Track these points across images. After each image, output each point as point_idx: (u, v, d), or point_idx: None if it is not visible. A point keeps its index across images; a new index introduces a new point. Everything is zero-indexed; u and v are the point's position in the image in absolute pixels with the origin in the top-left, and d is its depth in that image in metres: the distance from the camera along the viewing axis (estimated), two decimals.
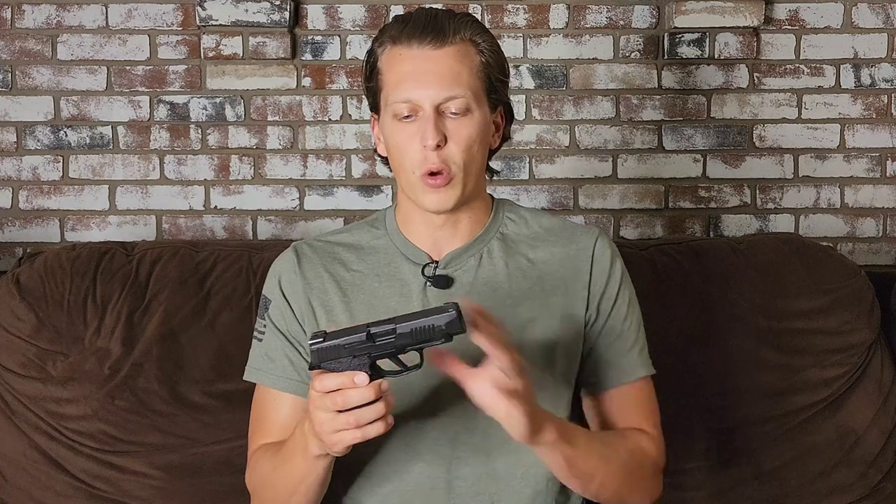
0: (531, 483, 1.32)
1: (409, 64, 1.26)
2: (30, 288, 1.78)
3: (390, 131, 1.29)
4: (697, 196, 2.24)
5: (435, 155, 1.25)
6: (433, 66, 1.25)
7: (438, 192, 1.27)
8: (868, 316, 1.85)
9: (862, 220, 2.26)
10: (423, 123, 1.25)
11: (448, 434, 1.30)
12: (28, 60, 2.18)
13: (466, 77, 1.26)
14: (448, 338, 1.09)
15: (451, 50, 1.26)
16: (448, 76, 1.25)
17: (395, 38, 1.28)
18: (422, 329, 1.08)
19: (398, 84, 1.27)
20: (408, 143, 1.27)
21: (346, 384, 1.10)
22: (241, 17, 2.13)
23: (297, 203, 2.22)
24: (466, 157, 1.27)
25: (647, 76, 2.23)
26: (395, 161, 1.31)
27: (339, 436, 1.12)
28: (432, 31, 1.26)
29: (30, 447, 1.71)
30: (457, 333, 1.09)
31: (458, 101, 1.25)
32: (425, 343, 1.09)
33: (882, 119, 2.24)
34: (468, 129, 1.27)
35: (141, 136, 2.19)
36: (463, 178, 1.28)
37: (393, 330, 1.09)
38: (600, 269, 1.36)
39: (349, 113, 2.21)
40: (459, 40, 1.27)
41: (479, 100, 1.28)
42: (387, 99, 1.29)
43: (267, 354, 1.36)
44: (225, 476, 1.67)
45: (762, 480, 1.76)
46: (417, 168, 1.27)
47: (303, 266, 1.37)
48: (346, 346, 1.10)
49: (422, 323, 1.08)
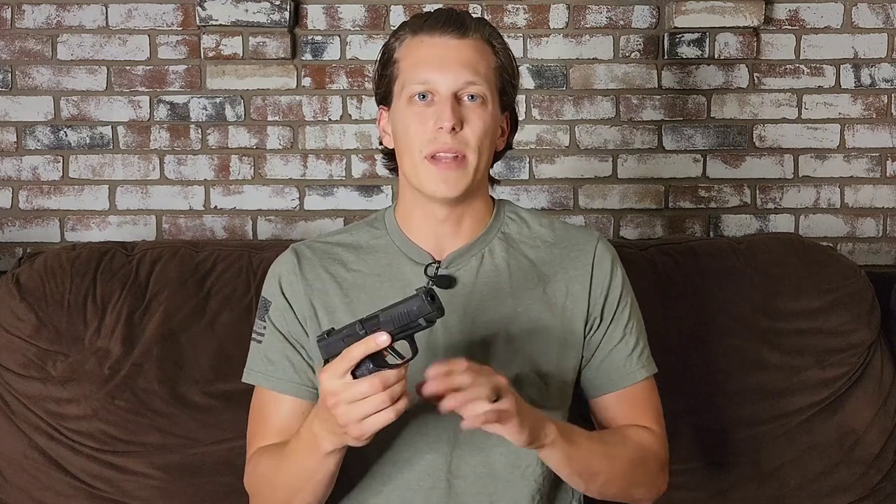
0: (530, 481, 1.32)
1: (431, 50, 1.29)
2: (30, 288, 1.78)
3: (402, 115, 1.30)
4: (697, 196, 2.24)
5: (448, 137, 1.26)
6: (454, 53, 1.28)
7: (448, 175, 1.27)
8: (868, 316, 1.85)
9: (862, 220, 2.26)
10: (440, 106, 1.26)
11: (447, 434, 1.30)
12: (28, 60, 2.18)
13: (485, 70, 1.29)
14: (429, 322, 1.12)
15: (471, 42, 1.29)
16: (468, 64, 1.28)
17: (415, 29, 1.31)
18: (400, 316, 1.11)
19: (417, 67, 1.28)
20: (419, 125, 1.27)
21: None
22: (241, 17, 2.13)
23: (297, 203, 2.22)
24: (479, 146, 1.28)
25: (647, 76, 2.23)
26: (401, 144, 1.31)
27: (371, 421, 1.10)
28: (455, 23, 1.29)
29: (30, 447, 1.71)
30: (434, 316, 1.11)
31: (476, 87, 1.28)
32: (410, 329, 1.12)
33: (882, 119, 2.24)
34: (483, 117, 1.28)
35: (141, 136, 2.19)
36: (475, 165, 1.28)
37: (377, 321, 1.12)
38: (601, 274, 1.36)
39: (349, 113, 2.21)
40: (479, 37, 1.30)
41: (493, 95, 1.30)
42: (403, 83, 1.30)
43: (266, 356, 1.36)
44: (225, 476, 1.67)
45: (762, 480, 1.76)
46: (425, 147, 1.27)
47: (303, 267, 1.36)
48: (343, 340, 1.12)
49: (398, 310, 1.11)
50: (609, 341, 1.36)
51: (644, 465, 1.34)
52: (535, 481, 1.32)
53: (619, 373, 1.37)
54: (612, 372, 1.37)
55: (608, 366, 1.37)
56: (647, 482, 1.35)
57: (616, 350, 1.37)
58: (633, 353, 1.37)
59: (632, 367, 1.37)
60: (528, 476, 1.32)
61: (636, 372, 1.37)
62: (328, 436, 1.17)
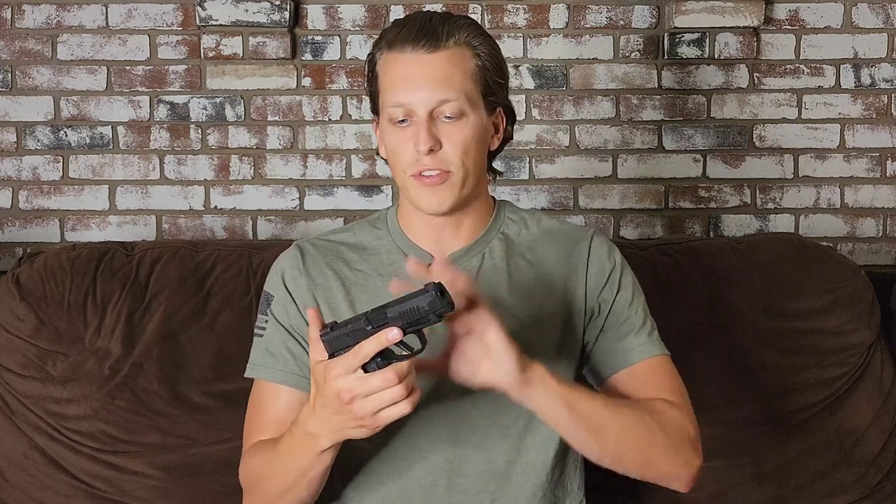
0: (531, 479, 1.32)
1: (403, 69, 1.28)
2: (30, 288, 1.78)
3: (386, 135, 1.31)
4: (697, 196, 2.24)
5: (429, 159, 1.26)
6: (425, 70, 1.27)
7: (434, 190, 1.28)
8: (868, 316, 1.85)
9: (862, 220, 2.26)
10: (417, 128, 1.26)
11: (449, 431, 1.30)
12: (28, 60, 2.18)
13: (459, 81, 1.27)
14: (438, 317, 1.10)
15: (444, 54, 1.27)
16: (440, 80, 1.26)
17: (390, 42, 1.30)
18: (410, 311, 1.10)
19: (392, 88, 1.28)
20: (402, 147, 1.28)
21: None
22: (241, 17, 2.13)
23: (297, 203, 2.22)
24: (463, 160, 1.28)
25: (647, 76, 2.23)
26: (391, 161, 1.33)
27: (386, 413, 1.10)
28: (425, 35, 1.27)
29: (30, 447, 1.71)
30: (444, 312, 1.10)
31: (451, 104, 1.26)
32: (419, 324, 1.11)
33: (882, 119, 2.24)
34: (462, 132, 1.28)
35: (141, 136, 2.19)
36: (461, 180, 1.28)
37: (385, 314, 1.11)
38: (597, 263, 1.37)
39: (349, 113, 2.21)
40: (453, 44, 1.28)
41: (473, 103, 1.29)
42: (384, 103, 1.31)
43: (268, 349, 1.36)
44: (225, 476, 1.67)
45: (762, 480, 1.76)
46: (409, 168, 1.28)
47: (307, 263, 1.37)
48: (350, 335, 1.11)
49: (408, 306, 1.10)
50: (613, 322, 1.35)
51: (664, 431, 1.27)
52: (537, 478, 1.32)
53: (629, 348, 1.34)
54: (620, 350, 1.35)
55: (616, 344, 1.35)
56: (671, 451, 1.27)
57: (623, 327, 1.35)
58: (641, 330, 1.36)
59: (641, 342, 1.35)
60: (529, 473, 1.32)
61: (647, 347, 1.35)
62: (327, 434, 1.16)
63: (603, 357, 1.37)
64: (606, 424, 1.24)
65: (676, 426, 1.29)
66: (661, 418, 1.28)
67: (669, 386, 1.34)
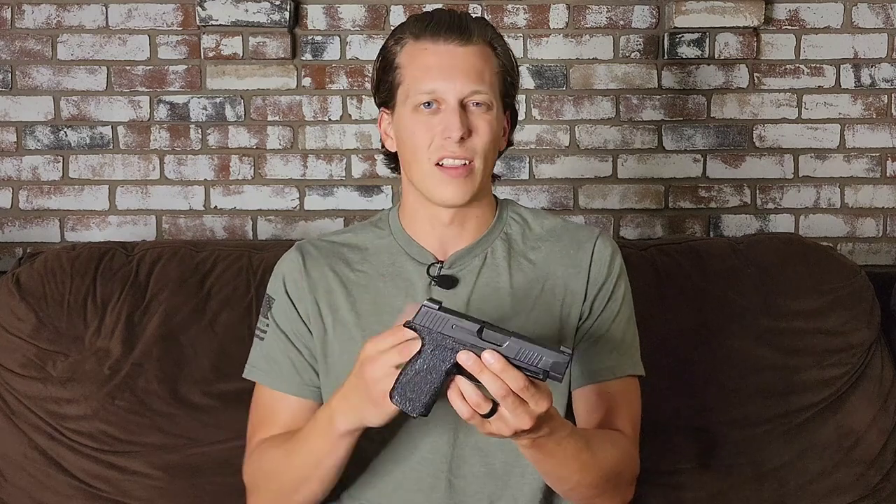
0: (530, 481, 1.32)
1: (435, 58, 1.28)
2: (30, 288, 1.78)
3: (408, 122, 1.30)
4: (697, 196, 2.24)
5: (457, 146, 1.27)
6: (459, 61, 1.28)
7: (457, 182, 1.28)
8: (868, 316, 1.85)
9: (862, 220, 2.26)
10: (448, 116, 1.27)
11: (448, 433, 1.30)
12: (28, 60, 2.18)
13: (489, 76, 1.30)
14: (545, 375, 1.07)
15: (474, 49, 1.29)
16: (473, 72, 1.28)
17: (417, 34, 1.30)
18: (528, 354, 1.07)
19: (423, 76, 1.28)
20: (426, 133, 1.28)
21: None
22: (241, 17, 2.13)
23: (297, 203, 2.22)
24: (488, 150, 1.29)
25: (647, 76, 2.23)
26: (408, 152, 1.31)
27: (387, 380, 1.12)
28: (458, 29, 1.29)
29: (30, 447, 1.71)
30: (554, 378, 1.07)
31: (481, 95, 1.28)
32: (523, 368, 1.07)
33: (882, 119, 2.25)
34: (490, 123, 1.29)
35: (141, 136, 2.19)
36: (482, 171, 1.30)
37: (503, 340, 1.07)
38: (599, 267, 1.36)
39: (349, 113, 2.21)
40: (482, 41, 1.30)
41: (497, 100, 1.31)
42: (408, 91, 1.30)
43: (269, 355, 1.36)
44: (225, 476, 1.67)
45: (762, 480, 1.76)
46: (433, 154, 1.28)
47: (308, 265, 1.37)
48: (453, 326, 1.09)
49: (532, 349, 1.07)
50: (596, 331, 1.35)
51: (618, 479, 1.30)
52: (536, 480, 1.32)
53: (600, 365, 1.35)
54: (592, 363, 1.35)
55: (590, 357, 1.35)
56: (619, 492, 1.32)
57: (601, 341, 1.35)
58: (618, 349, 1.36)
59: (613, 362, 1.35)
60: (527, 475, 1.32)
61: (617, 367, 1.35)
62: (345, 411, 1.18)
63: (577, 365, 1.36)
64: (569, 477, 1.24)
65: (631, 470, 1.33)
66: (622, 468, 1.30)
67: (628, 415, 1.36)
